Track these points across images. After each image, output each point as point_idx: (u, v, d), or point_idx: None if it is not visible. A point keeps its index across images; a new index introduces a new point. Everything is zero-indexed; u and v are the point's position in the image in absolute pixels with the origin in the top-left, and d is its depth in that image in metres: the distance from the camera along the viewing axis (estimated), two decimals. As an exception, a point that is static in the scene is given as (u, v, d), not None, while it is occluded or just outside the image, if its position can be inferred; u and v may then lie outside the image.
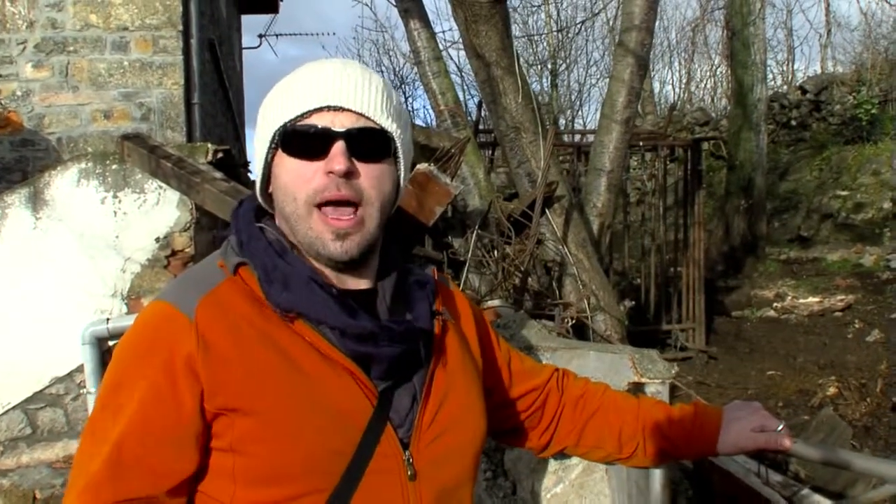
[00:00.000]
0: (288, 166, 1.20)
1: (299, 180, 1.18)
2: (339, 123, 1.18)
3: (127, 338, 1.19)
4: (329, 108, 1.18)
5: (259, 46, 14.96)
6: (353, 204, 1.19)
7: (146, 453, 1.12)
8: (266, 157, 1.23)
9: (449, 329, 1.34)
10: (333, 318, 1.17)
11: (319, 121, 1.18)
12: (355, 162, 1.18)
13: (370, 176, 1.20)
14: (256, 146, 1.26)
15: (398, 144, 1.24)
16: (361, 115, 1.19)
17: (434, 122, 6.71)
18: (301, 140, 1.18)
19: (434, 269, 1.42)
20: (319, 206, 1.18)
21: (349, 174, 1.17)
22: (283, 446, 1.11)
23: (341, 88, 1.18)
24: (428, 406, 1.23)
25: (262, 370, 1.13)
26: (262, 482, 1.12)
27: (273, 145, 1.21)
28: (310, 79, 1.20)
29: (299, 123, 1.18)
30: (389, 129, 1.21)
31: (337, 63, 1.22)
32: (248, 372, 1.12)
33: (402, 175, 1.28)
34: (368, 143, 1.19)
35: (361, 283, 1.28)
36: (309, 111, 1.18)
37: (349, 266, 1.24)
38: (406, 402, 1.22)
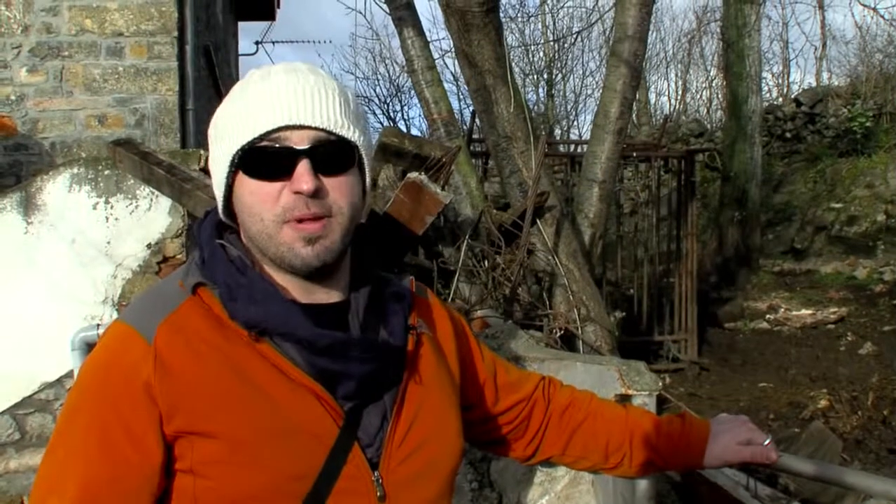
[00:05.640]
0: (251, 188, 1.16)
1: (265, 200, 1.14)
2: (300, 140, 1.13)
3: (89, 359, 1.17)
4: (287, 127, 1.13)
5: (256, 53, 15.00)
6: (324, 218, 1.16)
7: (109, 492, 1.11)
8: (226, 180, 1.19)
9: (424, 344, 1.30)
10: (302, 329, 1.13)
11: (279, 140, 1.13)
12: (321, 178, 1.14)
13: (337, 189, 1.16)
14: (213, 168, 1.22)
15: (362, 152, 1.20)
16: (322, 129, 1.14)
17: (427, 131, 6.72)
18: (262, 161, 1.14)
19: (412, 280, 1.38)
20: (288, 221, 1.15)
21: (317, 192, 1.13)
22: (244, 470, 1.09)
23: (297, 105, 1.14)
24: (399, 424, 1.20)
25: (222, 393, 1.11)
26: None
27: (232, 168, 1.17)
28: (262, 97, 1.15)
29: (258, 144, 1.14)
30: (352, 139, 1.17)
31: (289, 75, 1.17)
32: (207, 395, 1.10)
33: (367, 179, 1.24)
34: (332, 157, 1.16)
35: (332, 296, 1.23)
36: (267, 132, 1.13)
37: (319, 273, 1.19)
38: (376, 420, 1.19)
